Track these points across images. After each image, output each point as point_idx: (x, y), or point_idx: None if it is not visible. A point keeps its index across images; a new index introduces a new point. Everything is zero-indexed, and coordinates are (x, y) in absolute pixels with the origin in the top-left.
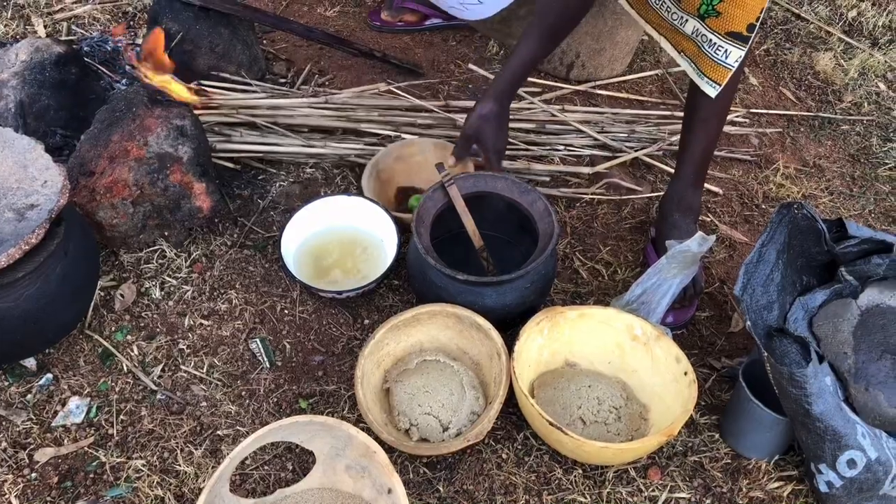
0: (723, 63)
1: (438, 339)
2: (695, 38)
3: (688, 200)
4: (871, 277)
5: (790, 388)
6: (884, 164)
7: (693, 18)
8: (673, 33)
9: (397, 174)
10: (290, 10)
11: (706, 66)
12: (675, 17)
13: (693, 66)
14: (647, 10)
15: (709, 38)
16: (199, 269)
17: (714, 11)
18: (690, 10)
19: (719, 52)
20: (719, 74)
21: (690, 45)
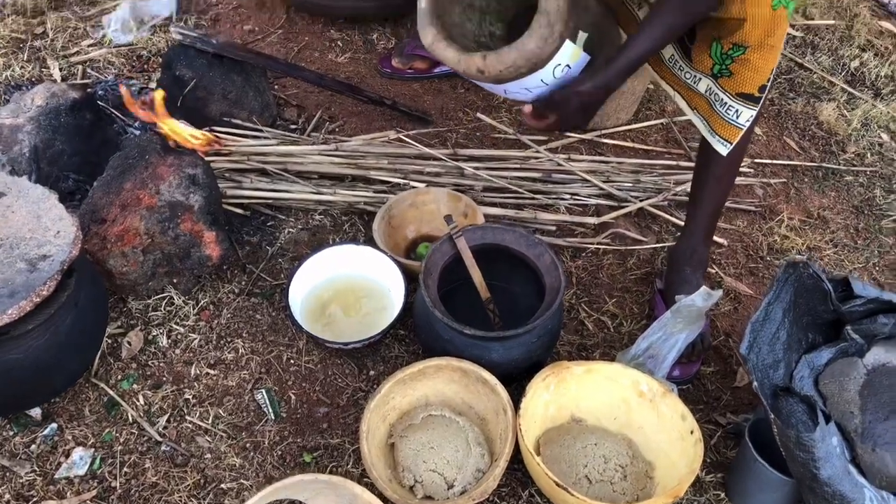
0: (734, 122)
1: (444, 394)
2: (708, 97)
3: (698, 254)
4: (877, 336)
5: (798, 452)
6: (887, 216)
7: (706, 78)
8: (686, 90)
9: (409, 221)
10: (302, 55)
11: (718, 124)
12: (688, 76)
13: (705, 124)
14: (662, 67)
15: (721, 97)
16: (207, 316)
17: (727, 72)
18: (704, 69)
19: (731, 112)
20: (731, 133)
21: (703, 103)
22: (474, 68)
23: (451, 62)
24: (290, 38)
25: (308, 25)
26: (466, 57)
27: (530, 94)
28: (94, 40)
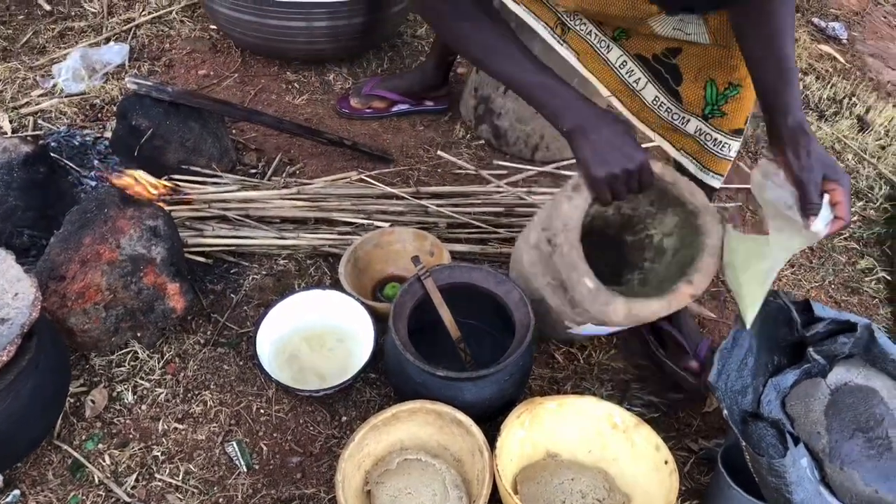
0: (725, 156)
1: (419, 437)
2: (697, 137)
3: None
4: (838, 356)
5: (770, 478)
6: (839, 235)
7: (696, 119)
8: (671, 133)
9: (375, 261)
10: (259, 98)
11: (709, 161)
12: (675, 118)
13: (695, 163)
14: (644, 111)
15: (713, 136)
16: (173, 369)
17: (719, 112)
18: (695, 111)
19: (724, 148)
20: (722, 167)
21: (691, 143)
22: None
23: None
24: (245, 81)
25: (264, 68)
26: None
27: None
28: (44, 90)
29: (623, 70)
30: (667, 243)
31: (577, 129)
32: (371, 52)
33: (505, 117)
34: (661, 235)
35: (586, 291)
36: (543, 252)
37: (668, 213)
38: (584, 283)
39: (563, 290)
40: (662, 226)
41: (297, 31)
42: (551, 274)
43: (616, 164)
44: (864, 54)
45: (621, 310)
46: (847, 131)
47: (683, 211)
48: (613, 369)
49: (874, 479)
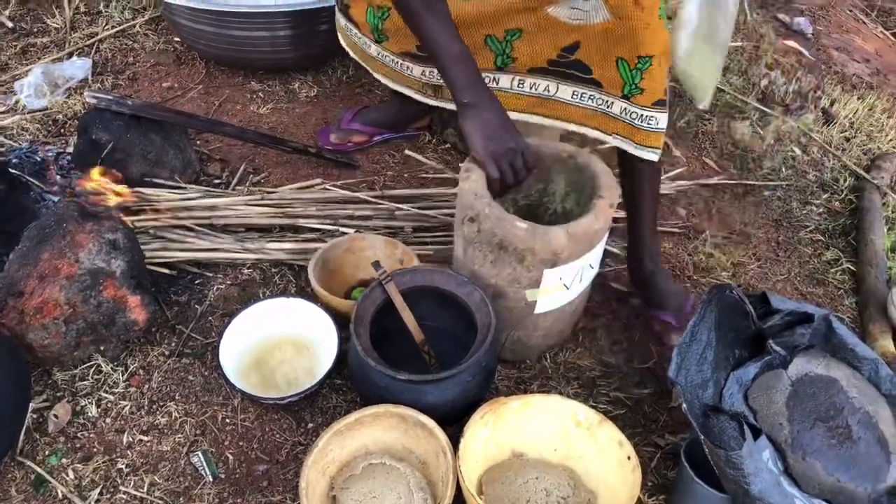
0: (656, 129)
1: (384, 441)
2: (623, 118)
3: (656, 251)
4: (799, 347)
5: (728, 470)
6: (805, 227)
7: (618, 100)
8: (601, 119)
9: (346, 266)
10: (223, 109)
11: (642, 137)
12: (599, 103)
13: (629, 142)
14: (566, 109)
15: (639, 113)
16: (137, 382)
17: (638, 90)
18: (615, 92)
19: (652, 122)
20: (655, 140)
21: (620, 124)
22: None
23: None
24: (210, 92)
25: (228, 78)
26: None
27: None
28: (5, 107)
29: (524, 88)
30: (568, 205)
31: (474, 105)
32: (336, 59)
33: None
34: (560, 202)
35: (522, 233)
36: (473, 234)
37: (555, 179)
38: (517, 226)
39: (504, 254)
40: (557, 194)
41: (260, 40)
42: (488, 248)
43: (502, 143)
44: (830, 48)
45: (561, 235)
46: (812, 124)
47: (566, 167)
48: (580, 368)
49: (836, 468)
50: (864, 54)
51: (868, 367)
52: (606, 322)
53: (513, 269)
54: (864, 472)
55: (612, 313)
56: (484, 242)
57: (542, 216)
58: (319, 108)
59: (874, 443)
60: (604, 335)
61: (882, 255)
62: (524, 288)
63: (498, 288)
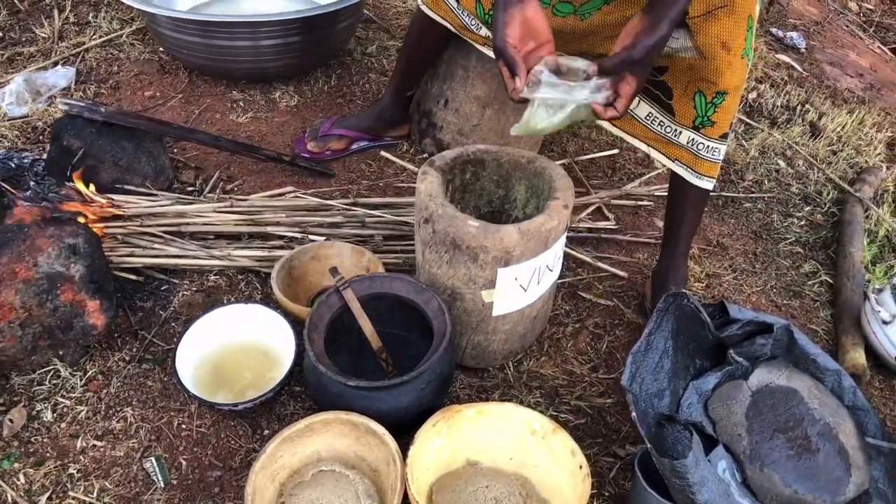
0: (714, 160)
1: (336, 448)
2: (689, 147)
3: (681, 272)
4: (760, 357)
5: (674, 479)
6: (784, 239)
7: (687, 130)
8: (664, 144)
9: (311, 273)
10: (203, 117)
11: (702, 166)
12: (668, 130)
13: (689, 171)
14: (634, 125)
15: (706, 144)
16: (95, 387)
17: (709, 122)
18: (686, 122)
19: (715, 153)
20: (713, 169)
21: (685, 153)
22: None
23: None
24: (191, 101)
25: (210, 88)
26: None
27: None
28: None
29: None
30: (528, 210)
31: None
32: (319, 69)
33: (447, 130)
34: (521, 209)
35: (474, 231)
36: (428, 236)
37: (515, 186)
38: (469, 224)
39: (458, 253)
40: (518, 200)
41: (242, 50)
42: (443, 248)
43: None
44: (823, 62)
45: (513, 232)
46: (798, 137)
47: (525, 173)
48: (543, 376)
49: (793, 479)
50: (858, 69)
51: (831, 378)
52: (573, 331)
53: (467, 269)
54: (822, 484)
55: (579, 322)
56: (439, 243)
57: (504, 223)
58: (299, 117)
59: (834, 454)
60: (569, 344)
61: (860, 267)
62: (480, 288)
63: (455, 289)
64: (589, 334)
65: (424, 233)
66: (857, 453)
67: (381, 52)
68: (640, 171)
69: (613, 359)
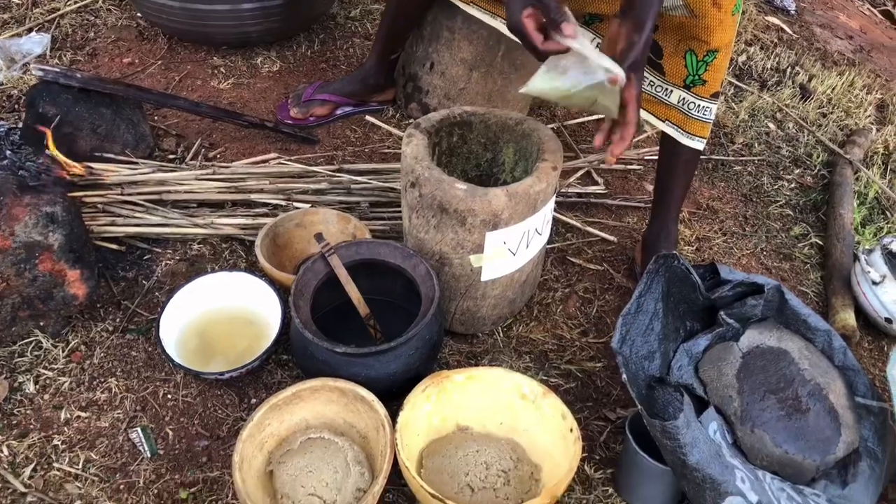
0: (705, 119)
1: (324, 415)
2: (680, 107)
3: (672, 235)
4: (751, 319)
5: (665, 441)
6: (775, 202)
7: (678, 89)
8: (655, 105)
9: (296, 241)
10: (183, 84)
11: (693, 126)
12: (658, 90)
13: (679, 131)
14: None
15: (696, 103)
16: (78, 358)
17: (700, 80)
18: (676, 81)
19: (705, 112)
20: (704, 129)
21: (675, 113)
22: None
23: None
24: (171, 67)
25: (191, 54)
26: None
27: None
28: None
29: (605, 41)
30: (517, 173)
31: None
32: (301, 34)
33: (433, 94)
34: (509, 171)
35: (461, 194)
36: (415, 200)
37: (503, 148)
38: (456, 188)
39: (446, 217)
40: (506, 163)
41: (223, 14)
42: (430, 212)
43: None
44: (813, 25)
45: (501, 194)
46: (788, 100)
47: (513, 135)
48: (533, 341)
49: (784, 439)
50: (849, 31)
51: (821, 338)
52: (563, 296)
53: (455, 234)
54: (812, 443)
55: (568, 287)
56: (426, 207)
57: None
58: (281, 83)
59: (824, 414)
60: (559, 309)
61: (850, 229)
62: (468, 252)
63: (443, 254)
64: (579, 299)
65: (411, 197)
66: (847, 413)
67: (365, 15)
68: None
69: (603, 323)
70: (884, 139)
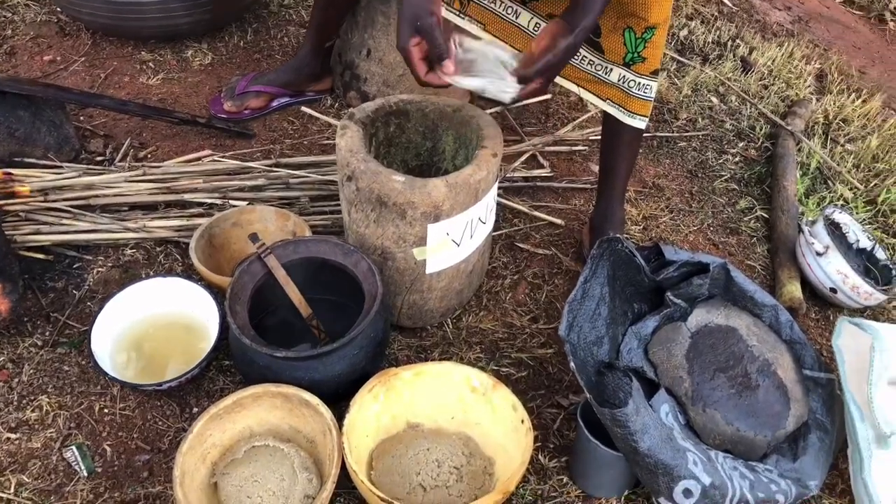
0: (646, 97)
1: (269, 422)
2: (620, 85)
3: (619, 215)
4: (698, 298)
5: (615, 429)
6: (720, 177)
7: (618, 67)
8: (595, 84)
9: (234, 241)
10: (111, 81)
11: (634, 105)
12: (598, 69)
13: (620, 109)
14: (568, 67)
15: (636, 81)
16: (5, 376)
17: (640, 58)
18: (616, 59)
19: (646, 90)
20: (644, 108)
21: (615, 91)
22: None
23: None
24: (96, 64)
25: (116, 49)
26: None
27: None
28: None
29: (538, 31)
30: (458, 162)
31: None
32: (234, 24)
33: (371, 82)
34: (450, 160)
35: (400, 186)
36: (353, 194)
37: (443, 137)
38: (394, 180)
39: (385, 210)
40: (447, 152)
41: (149, 5)
42: (369, 206)
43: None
44: None
45: (440, 185)
46: (730, 73)
47: (452, 122)
48: (483, 331)
49: (735, 417)
50: (787, 2)
51: (768, 313)
52: (512, 283)
53: (396, 227)
54: (763, 420)
55: (517, 273)
56: (364, 201)
57: (434, 176)
58: (214, 76)
59: (773, 390)
60: (508, 296)
61: (794, 201)
62: (411, 246)
63: (385, 249)
64: (528, 285)
65: (348, 191)
66: (796, 387)
67: (300, 2)
68: (573, 115)
69: (553, 308)
70: (823, 109)
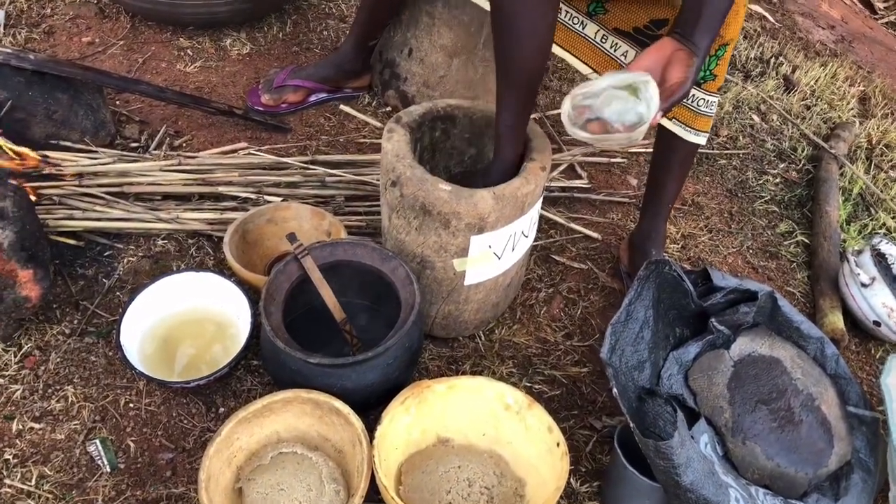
0: (710, 114)
1: (297, 428)
2: (689, 104)
3: (662, 234)
4: (742, 326)
5: (658, 461)
6: (760, 198)
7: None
8: None
9: (267, 238)
10: (147, 67)
11: (699, 122)
12: None
13: (684, 127)
14: None
15: (705, 98)
16: (32, 363)
17: (711, 76)
18: None
19: (711, 107)
20: (707, 124)
21: (683, 110)
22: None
23: None
24: (134, 48)
25: (155, 34)
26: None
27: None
28: None
29: (606, 44)
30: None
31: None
32: (273, 15)
33: (411, 82)
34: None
35: (446, 196)
36: (396, 200)
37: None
38: (440, 188)
39: (428, 219)
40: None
41: None
42: (412, 213)
43: None
44: (795, 13)
45: (488, 197)
46: (772, 91)
47: (471, 123)
48: (516, 345)
49: (776, 452)
50: (830, 20)
51: (814, 346)
52: (546, 297)
53: (438, 237)
54: (805, 456)
55: (552, 287)
56: (407, 208)
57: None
58: (251, 67)
59: (817, 426)
60: (542, 310)
61: (836, 227)
62: (452, 256)
63: (425, 257)
64: (562, 300)
65: (391, 196)
66: (840, 423)
67: (348, 8)
68: None
69: (588, 325)
70: (867, 133)
